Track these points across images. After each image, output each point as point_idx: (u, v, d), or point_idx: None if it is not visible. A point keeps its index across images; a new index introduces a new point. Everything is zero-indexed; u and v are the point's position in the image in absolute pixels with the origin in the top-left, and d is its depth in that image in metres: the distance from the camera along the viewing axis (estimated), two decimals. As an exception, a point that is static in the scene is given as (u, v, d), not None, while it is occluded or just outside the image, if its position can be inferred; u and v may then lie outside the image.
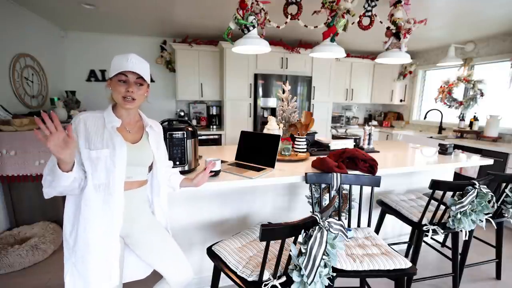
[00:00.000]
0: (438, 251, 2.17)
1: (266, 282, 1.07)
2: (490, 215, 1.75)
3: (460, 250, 1.96)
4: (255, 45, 1.88)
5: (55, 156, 0.94)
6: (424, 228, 1.64)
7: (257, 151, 1.87)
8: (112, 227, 1.13)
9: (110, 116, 1.15)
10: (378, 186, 1.61)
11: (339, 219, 1.31)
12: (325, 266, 1.03)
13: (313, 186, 1.64)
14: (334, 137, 3.49)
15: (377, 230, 2.06)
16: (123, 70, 1.08)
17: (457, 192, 1.58)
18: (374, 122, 5.39)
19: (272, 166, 1.78)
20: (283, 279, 1.08)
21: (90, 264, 1.10)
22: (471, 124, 3.86)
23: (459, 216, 1.57)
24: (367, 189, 2.05)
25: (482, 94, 3.78)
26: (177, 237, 1.79)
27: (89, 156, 1.08)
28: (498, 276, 2.10)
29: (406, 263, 1.30)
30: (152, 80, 4.29)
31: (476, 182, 1.55)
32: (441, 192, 1.68)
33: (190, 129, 1.56)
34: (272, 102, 4.11)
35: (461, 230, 1.60)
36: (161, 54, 4.18)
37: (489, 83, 3.74)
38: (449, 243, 2.50)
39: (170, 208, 1.73)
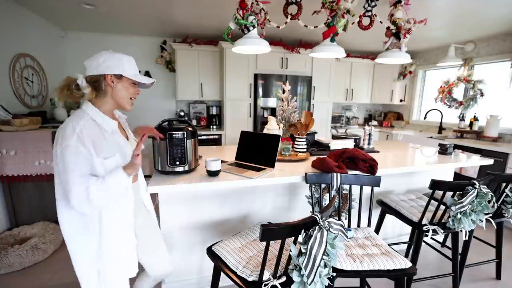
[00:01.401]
0: (438, 251, 2.17)
1: (266, 282, 1.07)
2: (490, 215, 1.75)
3: (460, 250, 1.96)
4: (255, 45, 1.88)
5: (136, 170, 1.08)
6: (424, 228, 1.64)
7: (257, 151, 1.87)
8: (128, 222, 1.18)
9: (105, 120, 1.11)
10: (378, 186, 1.61)
11: (339, 219, 1.31)
12: (325, 266, 1.03)
13: (313, 186, 1.64)
14: (334, 137, 3.49)
15: (377, 230, 2.06)
16: (147, 80, 1.15)
17: (457, 192, 1.58)
18: (374, 122, 5.39)
19: (272, 166, 1.78)
20: (283, 279, 1.08)
21: (118, 262, 1.15)
22: (471, 124, 3.86)
23: (459, 216, 1.57)
24: (367, 189, 2.05)
25: (482, 94, 3.78)
26: (177, 237, 1.79)
27: (103, 164, 1.05)
28: (498, 276, 2.10)
29: (406, 263, 1.30)
30: (152, 80, 4.29)
31: (476, 182, 1.55)
32: (441, 192, 1.68)
33: (190, 129, 1.56)
34: (272, 102, 4.11)
35: (461, 230, 1.60)
36: (161, 54, 4.19)
37: (489, 83, 3.74)
38: (449, 243, 2.50)
39: (171, 208, 1.74)
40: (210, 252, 1.34)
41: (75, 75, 1.08)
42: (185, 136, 1.53)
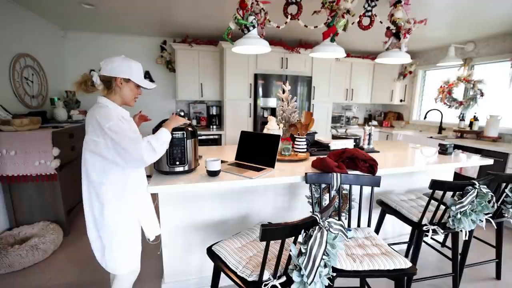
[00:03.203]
0: (438, 251, 2.17)
1: (266, 282, 1.07)
2: (490, 215, 1.76)
3: (460, 250, 1.96)
4: (255, 45, 1.88)
5: (177, 123, 1.47)
6: (424, 228, 1.64)
7: (257, 151, 1.87)
8: (146, 187, 1.47)
9: (123, 110, 1.36)
10: (378, 186, 1.61)
11: (339, 219, 1.31)
12: (325, 266, 1.03)
13: (313, 186, 1.64)
14: (334, 137, 3.49)
15: (377, 230, 2.06)
16: (146, 85, 1.39)
17: (457, 192, 1.58)
18: (374, 122, 5.39)
19: (272, 166, 1.77)
20: (283, 279, 1.08)
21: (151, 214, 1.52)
22: (471, 124, 3.85)
23: (459, 216, 1.56)
24: (367, 189, 2.04)
25: (482, 94, 3.78)
26: (177, 237, 1.79)
27: None
28: (498, 276, 2.10)
29: (406, 263, 1.30)
30: (152, 80, 4.30)
31: (476, 182, 1.55)
32: (441, 192, 1.68)
33: (190, 129, 1.56)
34: (272, 102, 4.11)
35: (461, 230, 1.60)
36: (161, 54, 4.18)
37: (489, 83, 3.74)
38: (449, 243, 2.50)
39: (171, 208, 1.74)
40: (210, 252, 1.34)
41: (91, 73, 1.31)
42: (185, 136, 1.53)
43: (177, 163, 1.55)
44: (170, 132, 1.37)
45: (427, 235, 1.63)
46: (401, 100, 5.07)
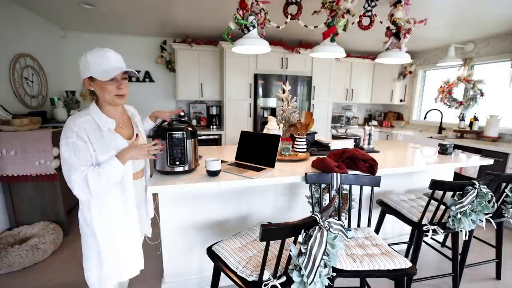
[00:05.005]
0: (438, 251, 2.17)
1: (266, 282, 1.07)
2: (490, 215, 1.76)
3: (460, 250, 1.96)
4: (255, 45, 1.88)
5: (136, 156, 1.18)
6: (424, 228, 1.64)
7: (257, 151, 1.87)
8: (130, 214, 1.27)
9: (102, 118, 1.16)
10: (378, 186, 1.61)
11: (339, 219, 1.32)
12: (325, 266, 1.03)
13: (313, 186, 1.64)
14: (334, 137, 3.49)
15: (377, 230, 2.06)
16: (116, 72, 1.10)
17: (457, 192, 1.58)
18: (374, 122, 5.39)
19: (272, 166, 1.77)
20: (283, 279, 1.08)
21: (119, 251, 1.25)
22: (471, 124, 3.85)
23: (459, 216, 1.56)
24: (367, 189, 2.05)
25: (482, 94, 3.78)
26: (177, 237, 1.79)
27: (97, 160, 1.13)
28: (498, 276, 2.10)
29: (406, 263, 1.30)
30: (152, 80, 4.30)
31: (476, 182, 1.55)
32: (441, 192, 1.68)
33: (190, 129, 1.56)
34: (272, 102, 4.11)
35: (461, 230, 1.60)
36: (161, 54, 4.19)
37: (489, 83, 3.74)
38: (449, 243, 2.50)
39: (171, 208, 1.74)
40: (210, 252, 1.34)
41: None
42: (185, 136, 1.53)
43: (177, 163, 1.55)
44: (123, 163, 1.15)
45: (427, 235, 1.63)
46: (401, 100, 5.07)
